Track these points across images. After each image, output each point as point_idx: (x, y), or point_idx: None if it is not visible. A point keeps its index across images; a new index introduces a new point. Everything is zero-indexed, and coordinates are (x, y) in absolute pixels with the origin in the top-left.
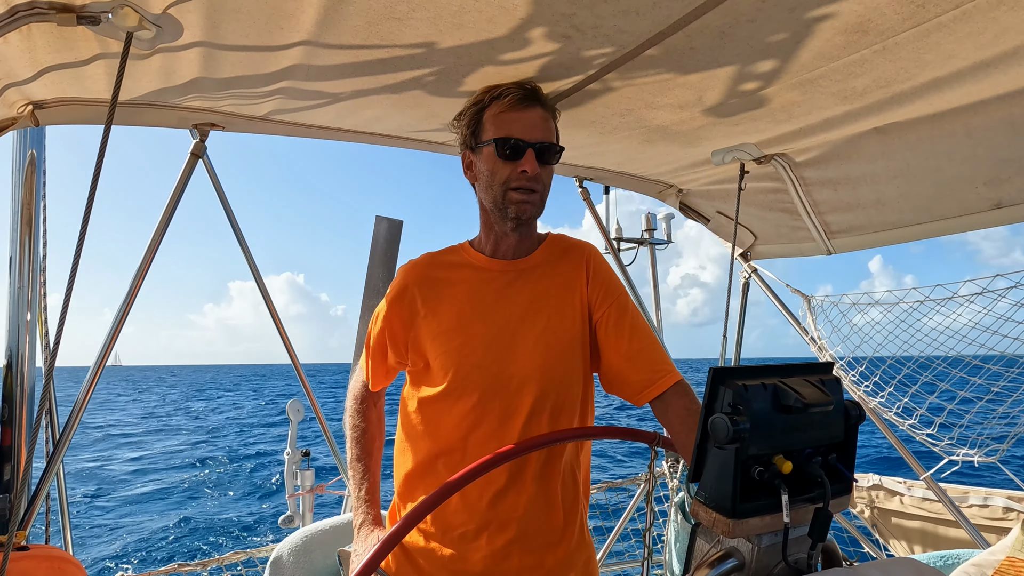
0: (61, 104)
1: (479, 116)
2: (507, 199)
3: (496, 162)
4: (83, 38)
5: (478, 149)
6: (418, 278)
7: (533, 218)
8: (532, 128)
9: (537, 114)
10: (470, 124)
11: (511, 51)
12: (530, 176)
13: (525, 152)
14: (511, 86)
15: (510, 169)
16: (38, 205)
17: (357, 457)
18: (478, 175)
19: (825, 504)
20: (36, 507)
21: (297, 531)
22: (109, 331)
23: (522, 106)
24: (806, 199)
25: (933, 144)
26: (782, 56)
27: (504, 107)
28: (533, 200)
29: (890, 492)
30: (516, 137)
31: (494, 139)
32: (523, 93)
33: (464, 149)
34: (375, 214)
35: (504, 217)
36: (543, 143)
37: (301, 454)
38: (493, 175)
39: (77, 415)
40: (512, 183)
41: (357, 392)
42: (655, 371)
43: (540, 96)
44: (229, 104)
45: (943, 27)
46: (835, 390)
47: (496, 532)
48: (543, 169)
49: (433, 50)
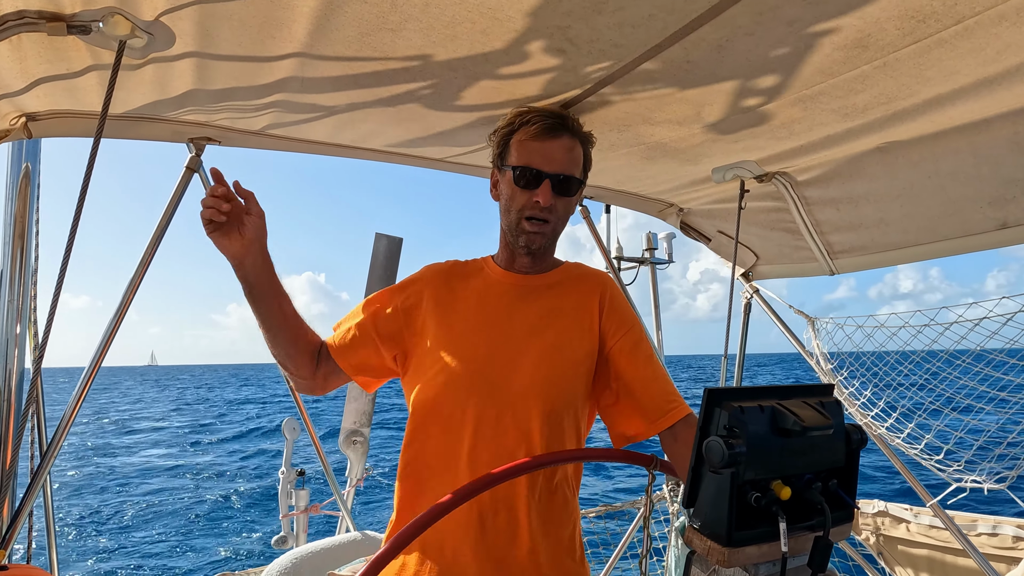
0: (55, 116)
1: (508, 139)
2: (520, 227)
3: (514, 189)
4: (74, 48)
5: (503, 171)
6: (436, 281)
7: (543, 248)
8: (552, 160)
9: (561, 144)
10: (499, 145)
11: (506, 64)
12: (543, 207)
13: (542, 183)
14: (540, 113)
15: (526, 198)
16: (31, 218)
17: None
18: (501, 195)
19: (825, 532)
20: (18, 525)
21: (287, 553)
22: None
23: (547, 135)
24: (808, 218)
25: (936, 163)
26: (782, 71)
27: (530, 135)
28: (544, 231)
29: (896, 519)
30: (535, 167)
31: (513, 167)
32: (551, 122)
33: (493, 167)
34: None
35: (516, 243)
36: (562, 175)
37: (296, 473)
38: (511, 200)
39: (65, 428)
40: (527, 212)
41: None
42: (667, 402)
43: (569, 123)
44: (224, 118)
45: (944, 43)
46: (835, 413)
47: (489, 555)
48: (559, 200)
49: (427, 62)
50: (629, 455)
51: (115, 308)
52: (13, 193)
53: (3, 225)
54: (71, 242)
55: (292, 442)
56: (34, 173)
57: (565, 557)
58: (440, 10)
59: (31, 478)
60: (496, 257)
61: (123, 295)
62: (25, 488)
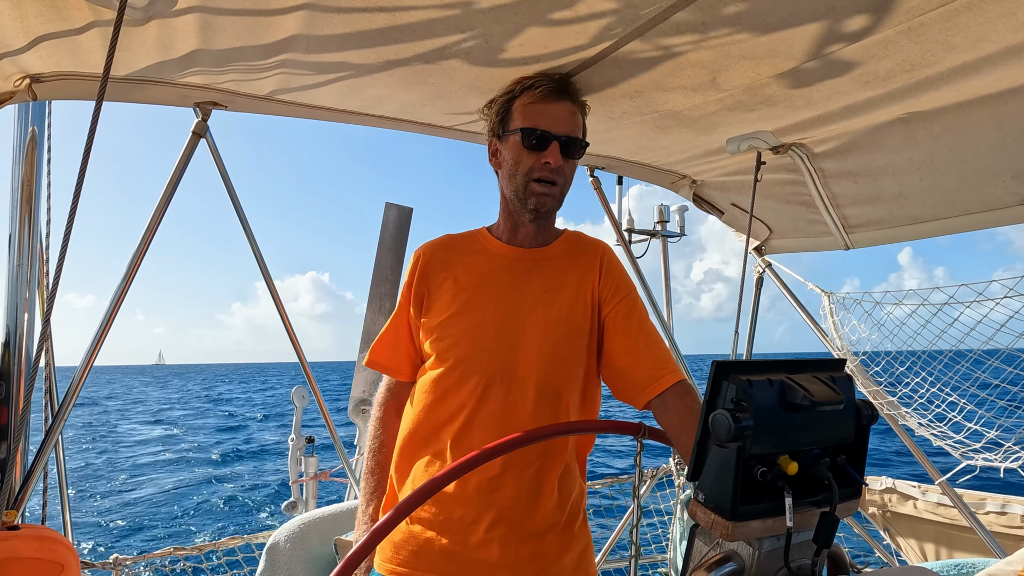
0: (59, 78)
1: (509, 105)
2: (528, 190)
3: (521, 151)
4: (75, 6)
5: (504, 137)
6: (434, 259)
7: (552, 210)
8: (559, 121)
9: (566, 107)
10: (499, 112)
11: (515, 27)
12: (553, 168)
13: (550, 144)
14: (543, 77)
15: (534, 159)
16: (39, 182)
17: (371, 470)
18: (502, 163)
19: (832, 508)
20: (30, 486)
21: (296, 518)
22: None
23: (552, 98)
24: (824, 191)
25: (959, 135)
26: (801, 35)
27: (534, 98)
28: (553, 193)
29: (903, 496)
30: (543, 128)
31: (521, 128)
32: (554, 86)
33: (491, 136)
34: (408, 208)
35: (524, 207)
36: (569, 136)
37: (305, 440)
38: (517, 164)
39: (75, 391)
40: (535, 174)
41: (380, 399)
42: (658, 368)
43: (570, 90)
44: (231, 81)
45: (973, 6)
46: (846, 388)
47: (492, 521)
48: (566, 162)
49: (434, 24)
50: (617, 425)
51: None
52: (20, 157)
53: (11, 189)
54: (75, 205)
55: (301, 409)
56: (42, 137)
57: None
58: None
59: (43, 438)
60: (495, 229)
61: (132, 257)
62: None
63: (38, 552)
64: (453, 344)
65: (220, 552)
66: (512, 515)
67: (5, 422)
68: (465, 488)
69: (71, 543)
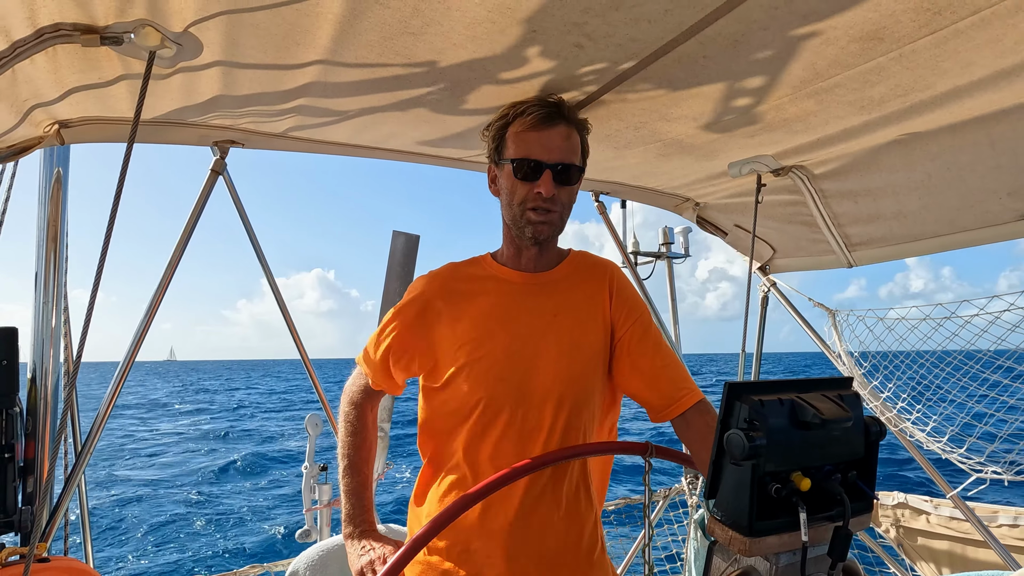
0: (86, 123)
1: (503, 132)
2: (525, 219)
3: (514, 182)
4: (106, 58)
5: (500, 165)
6: (439, 289)
7: (550, 237)
8: (552, 149)
9: (559, 133)
10: (495, 139)
11: (524, 62)
12: (546, 198)
13: (542, 173)
14: (534, 103)
15: (527, 190)
16: (63, 221)
17: (352, 466)
18: (500, 190)
19: (845, 523)
20: (57, 519)
21: (314, 545)
22: (131, 343)
23: (544, 125)
24: (825, 211)
25: (955, 154)
26: (797, 65)
27: (526, 125)
28: (550, 220)
29: (916, 511)
30: (534, 158)
31: (511, 159)
32: (546, 111)
33: (490, 163)
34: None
35: (522, 235)
36: (562, 164)
37: (319, 468)
38: (512, 194)
39: (99, 428)
40: (529, 203)
41: (354, 397)
42: (677, 389)
43: (564, 111)
44: (248, 122)
45: (960, 34)
46: (854, 405)
47: (512, 552)
48: (561, 190)
49: (447, 64)
50: (624, 445)
51: (143, 311)
52: (46, 198)
53: (37, 229)
54: (107, 243)
55: (315, 437)
56: (65, 178)
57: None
58: (461, 12)
59: (66, 477)
60: (499, 255)
61: (152, 298)
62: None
63: None
64: (468, 374)
65: None
66: (530, 546)
67: (32, 456)
68: (482, 519)
69: (98, 574)
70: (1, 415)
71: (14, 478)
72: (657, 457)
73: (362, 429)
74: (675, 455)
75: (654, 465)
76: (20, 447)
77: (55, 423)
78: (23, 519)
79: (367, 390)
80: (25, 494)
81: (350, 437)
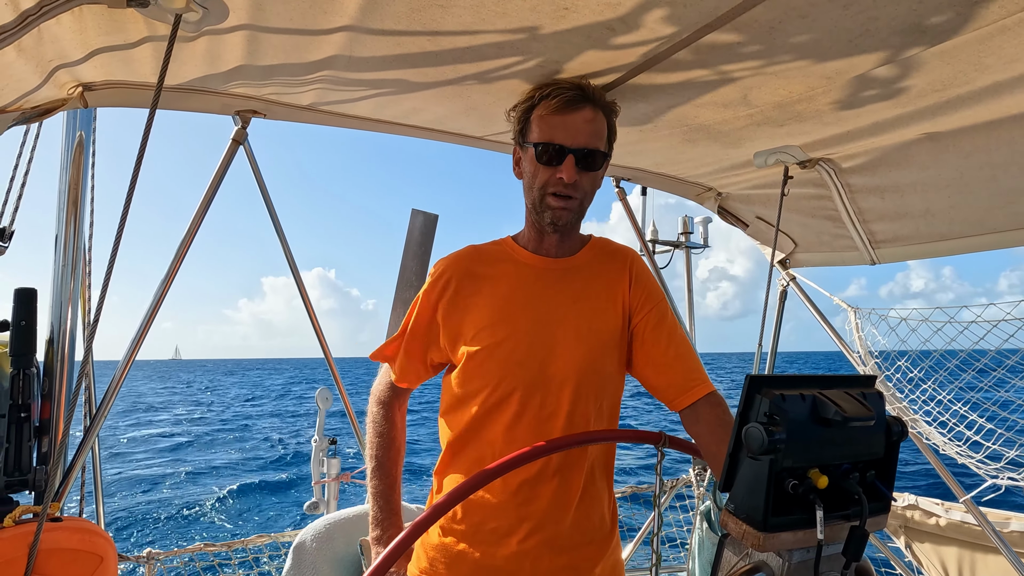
0: (110, 86)
1: (528, 115)
2: (545, 204)
3: (537, 166)
4: (132, 20)
5: (524, 148)
6: (460, 271)
7: (570, 224)
8: (576, 133)
9: (584, 116)
10: (520, 121)
11: (552, 43)
12: (567, 183)
13: (565, 158)
14: (560, 86)
15: (549, 174)
16: (85, 186)
17: (380, 467)
18: (523, 173)
19: (862, 522)
20: (71, 480)
21: (321, 518)
22: (149, 306)
23: (569, 108)
24: (851, 206)
25: (989, 153)
26: (833, 55)
27: (550, 109)
28: (570, 207)
29: (926, 513)
30: (557, 143)
31: (535, 143)
32: (571, 94)
33: (515, 145)
34: (410, 207)
35: (542, 220)
36: (586, 149)
37: (328, 442)
38: (534, 178)
39: (114, 390)
40: (550, 188)
41: (381, 396)
42: (689, 379)
43: (590, 94)
44: (272, 92)
45: (1007, 30)
46: (877, 404)
47: (526, 532)
48: (583, 175)
49: (475, 39)
50: (638, 434)
51: (163, 275)
52: (67, 161)
53: (58, 192)
54: (127, 206)
55: (324, 411)
56: (88, 142)
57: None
58: None
59: (82, 438)
60: (520, 238)
61: (170, 264)
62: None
63: (80, 544)
64: (487, 358)
65: (248, 549)
66: (546, 526)
67: (48, 417)
68: (498, 500)
69: (108, 536)
70: (19, 375)
71: (29, 438)
72: (670, 447)
73: (390, 429)
74: (689, 447)
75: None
76: (36, 407)
77: (71, 385)
78: (37, 478)
79: (393, 388)
80: (40, 454)
81: (378, 438)
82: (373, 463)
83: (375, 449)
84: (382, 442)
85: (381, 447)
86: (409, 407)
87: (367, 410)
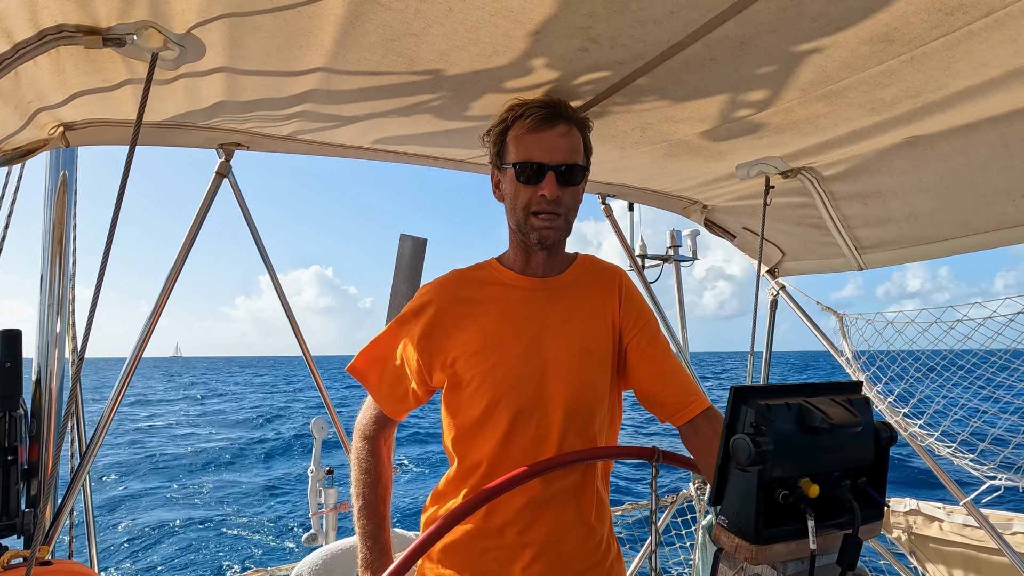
0: (91, 125)
1: (503, 136)
2: (529, 224)
3: (517, 185)
4: (110, 60)
5: (503, 170)
6: (447, 297)
7: (557, 242)
8: (553, 149)
9: (559, 132)
10: (495, 144)
11: (527, 66)
12: (550, 200)
13: (545, 175)
14: (533, 105)
15: (530, 193)
16: (68, 224)
17: (367, 507)
18: (504, 195)
19: (855, 530)
20: (60, 522)
21: (318, 550)
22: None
23: (543, 126)
24: (835, 214)
25: (967, 155)
26: (805, 67)
27: (525, 128)
28: (556, 224)
29: (928, 517)
30: (536, 160)
31: (513, 163)
32: (544, 112)
33: (492, 168)
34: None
35: (528, 241)
36: (564, 164)
37: (325, 472)
38: (515, 198)
39: (102, 430)
40: (533, 207)
41: (365, 430)
42: (686, 395)
43: (563, 111)
44: (253, 125)
45: (974, 35)
46: (864, 410)
47: (530, 559)
48: (565, 191)
49: (450, 66)
50: (630, 450)
51: (147, 314)
52: (51, 200)
53: (43, 231)
54: (109, 245)
55: (320, 441)
56: (71, 180)
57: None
58: (463, 14)
59: (71, 478)
60: (506, 259)
61: (156, 300)
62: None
63: None
64: (481, 383)
65: None
66: (548, 552)
67: (36, 459)
68: (499, 527)
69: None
70: (4, 417)
71: (17, 481)
72: (664, 462)
73: (376, 464)
74: (682, 460)
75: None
76: (24, 449)
77: (59, 425)
78: (26, 522)
79: (379, 420)
80: (29, 497)
81: (364, 475)
82: (360, 501)
83: (362, 487)
84: (368, 479)
85: (367, 484)
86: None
87: (352, 445)
